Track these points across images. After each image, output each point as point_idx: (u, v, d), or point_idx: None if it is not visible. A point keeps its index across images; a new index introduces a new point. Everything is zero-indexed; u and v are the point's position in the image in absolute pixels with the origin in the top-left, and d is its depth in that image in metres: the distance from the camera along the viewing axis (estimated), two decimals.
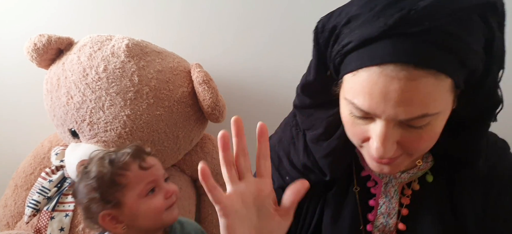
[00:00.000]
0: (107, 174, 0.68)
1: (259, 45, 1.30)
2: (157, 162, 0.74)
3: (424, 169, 0.59)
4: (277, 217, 0.54)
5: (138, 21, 1.27)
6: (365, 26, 0.44)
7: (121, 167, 0.68)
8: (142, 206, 0.69)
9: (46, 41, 0.99)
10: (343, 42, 0.47)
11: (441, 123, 0.48)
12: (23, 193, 1.11)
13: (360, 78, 0.45)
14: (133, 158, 0.69)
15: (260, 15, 1.27)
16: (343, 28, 0.47)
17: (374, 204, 0.61)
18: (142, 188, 0.69)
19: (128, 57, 0.99)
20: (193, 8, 1.27)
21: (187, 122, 1.06)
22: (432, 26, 0.41)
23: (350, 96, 0.48)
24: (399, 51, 0.42)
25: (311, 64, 0.56)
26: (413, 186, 0.59)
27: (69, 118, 0.99)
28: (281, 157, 0.65)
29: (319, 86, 0.56)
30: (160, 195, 0.71)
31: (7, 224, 1.09)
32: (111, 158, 0.69)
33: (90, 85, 0.96)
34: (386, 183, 0.60)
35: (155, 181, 0.71)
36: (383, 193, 0.60)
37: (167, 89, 1.01)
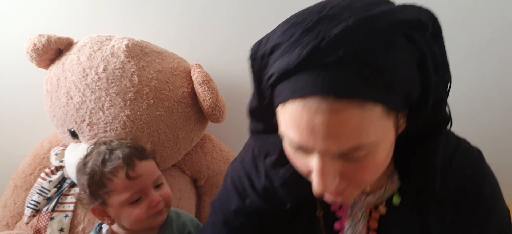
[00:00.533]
0: (98, 173, 0.68)
1: None
2: (150, 168, 0.72)
3: (390, 191, 0.56)
4: None
5: (138, 21, 1.27)
6: (284, 56, 0.41)
7: (110, 171, 0.68)
8: (124, 213, 0.70)
9: (46, 41, 0.99)
10: (268, 74, 0.44)
11: (383, 151, 0.45)
12: (23, 193, 1.10)
13: (288, 111, 0.43)
14: (123, 163, 0.68)
15: (260, 15, 1.27)
16: (269, 58, 0.45)
17: (339, 227, 0.57)
18: (127, 196, 0.69)
19: (128, 57, 0.98)
20: (193, 8, 1.27)
21: (187, 122, 1.06)
22: (346, 54, 0.38)
23: (283, 128, 0.45)
24: (317, 83, 0.39)
25: (253, 90, 0.53)
26: (380, 210, 0.56)
27: (68, 118, 0.99)
28: (242, 180, 0.61)
29: (264, 111, 0.51)
30: (144, 204, 0.70)
31: (6, 225, 1.09)
32: (105, 158, 0.69)
33: (90, 85, 0.96)
34: (351, 206, 0.57)
35: (141, 191, 0.70)
36: (349, 216, 0.57)
37: (167, 89, 1.01)
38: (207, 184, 1.23)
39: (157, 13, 1.27)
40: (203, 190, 1.25)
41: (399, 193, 0.56)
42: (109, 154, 0.70)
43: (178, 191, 1.14)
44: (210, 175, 1.22)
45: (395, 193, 0.56)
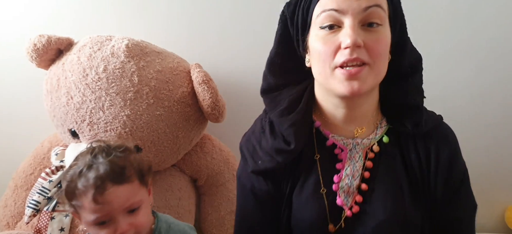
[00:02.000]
0: (72, 184, 0.66)
1: (259, 45, 1.30)
2: (121, 195, 0.66)
3: (381, 133, 0.72)
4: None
5: (138, 21, 1.27)
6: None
7: (80, 187, 0.65)
8: (91, 231, 0.68)
9: (46, 41, 1.00)
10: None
11: (388, 39, 0.65)
12: (23, 193, 1.11)
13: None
14: (93, 185, 0.64)
15: (260, 15, 1.27)
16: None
17: (340, 167, 0.71)
18: (92, 218, 0.66)
19: (128, 57, 0.99)
20: (193, 8, 1.27)
21: (187, 122, 1.06)
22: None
23: (319, 11, 0.64)
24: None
25: (275, 42, 0.75)
26: (374, 148, 0.71)
27: (69, 118, 0.99)
28: (254, 145, 0.76)
29: (280, 61, 0.74)
30: (110, 229, 0.66)
31: (7, 224, 1.09)
32: (82, 171, 0.66)
33: (90, 85, 0.96)
34: (350, 149, 0.71)
35: (108, 215, 0.66)
36: (348, 158, 0.71)
37: (167, 89, 1.01)
38: (207, 184, 1.24)
39: (157, 13, 1.27)
40: (203, 190, 1.25)
41: (387, 134, 0.72)
42: (88, 168, 0.66)
43: (178, 191, 1.14)
44: (210, 175, 1.22)
45: (383, 135, 0.72)
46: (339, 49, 0.63)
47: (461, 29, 1.27)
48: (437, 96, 1.30)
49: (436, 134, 0.72)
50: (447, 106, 1.30)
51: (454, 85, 1.32)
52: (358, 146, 0.71)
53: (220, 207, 1.22)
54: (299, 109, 0.72)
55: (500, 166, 1.41)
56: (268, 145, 0.73)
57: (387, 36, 0.65)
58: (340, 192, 0.70)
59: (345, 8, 0.62)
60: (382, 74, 0.67)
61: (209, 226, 1.22)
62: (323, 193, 0.70)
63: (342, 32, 0.63)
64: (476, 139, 1.36)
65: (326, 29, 0.64)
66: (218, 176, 1.22)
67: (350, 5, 0.62)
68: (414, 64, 0.72)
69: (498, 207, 1.45)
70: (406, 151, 0.71)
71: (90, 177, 0.65)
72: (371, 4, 0.62)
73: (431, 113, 0.75)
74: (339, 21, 0.63)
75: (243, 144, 0.80)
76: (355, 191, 0.70)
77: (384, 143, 0.71)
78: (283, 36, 0.74)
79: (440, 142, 0.71)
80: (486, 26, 1.26)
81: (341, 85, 0.64)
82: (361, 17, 0.62)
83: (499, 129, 1.36)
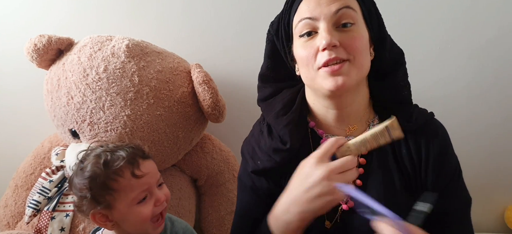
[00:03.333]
0: (101, 176, 0.66)
1: (259, 45, 1.29)
2: (152, 167, 0.72)
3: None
4: None
5: (138, 21, 1.28)
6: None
7: (114, 171, 0.66)
8: (131, 213, 0.69)
9: (46, 41, 1.00)
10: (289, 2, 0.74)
11: (364, 35, 0.70)
12: (24, 193, 1.11)
13: (301, 2, 0.71)
14: (127, 163, 0.67)
15: (260, 15, 1.27)
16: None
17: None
18: (134, 196, 0.68)
19: (128, 57, 0.99)
20: (193, 9, 1.27)
21: (187, 122, 1.06)
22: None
23: (298, 20, 0.71)
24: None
25: (265, 57, 0.82)
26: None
27: (69, 118, 0.99)
28: (254, 147, 0.80)
29: (272, 73, 0.82)
30: (150, 203, 0.70)
31: (7, 224, 1.09)
32: (107, 159, 0.68)
33: (91, 85, 0.96)
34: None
35: (147, 189, 0.70)
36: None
37: (167, 89, 1.01)
38: (207, 183, 1.24)
39: (157, 13, 1.27)
40: (203, 190, 1.25)
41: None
42: (111, 155, 0.68)
43: (178, 190, 1.14)
44: (210, 175, 1.22)
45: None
46: (319, 51, 0.68)
47: (460, 29, 1.27)
48: (437, 96, 1.31)
49: (427, 130, 0.74)
50: (447, 106, 1.32)
51: (454, 85, 1.32)
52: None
53: (220, 207, 1.22)
54: (293, 110, 0.77)
55: (500, 166, 1.41)
56: (266, 145, 0.77)
57: (362, 34, 0.70)
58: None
59: (318, 15, 0.68)
60: (364, 69, 0.71)
61: (209, 226, 1.23)
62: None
63: (318, 37, 0.69)
64: (476, 139, 1.36)
65: (305, 36, 0.70)
66: (218, 176, 1.22)
67: (321, 11, 0.68)
68: (397, 59, 0.77)
69: (498, 207, 1.45)
70: (397, 146, 0.74)
71: (120, 159, 0.68)
72: (340, 7, 0.68)
73: (422, 110, 0.78)
74: (315, 27, 0.69)
75: (244, 147, 0.84)
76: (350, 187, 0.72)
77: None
78: (272, 52, 0.81)
79: (430, 137, 0.73)
80: (485, 26, 1.26)
81: (327, 81, 0.68)
82: (334, 20, 0.68)
83: (499, 129, 1.36)
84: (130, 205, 0.68)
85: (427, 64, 1.29)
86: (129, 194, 0.67)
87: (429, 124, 0.76)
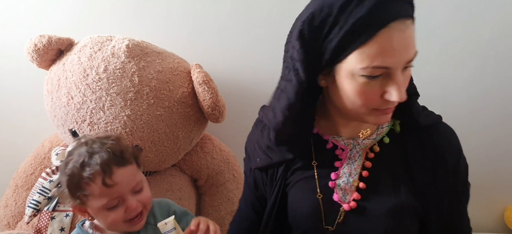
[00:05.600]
0: (76, 176, 0.68)
1: (259, 45, 1.30)
2: (128, 175, 0.71)
3: (382, 134, 0.72)
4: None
5: (138, 21, 1.28)
6: (359, 7, 0.56)
7: (87, 176, 0.67)
8: (100, 216, 0.71)
9: (47, 42, 1.00)
10: (343, 28, 0.57)
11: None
12: (24, 193, 1.11)
13: (376, 43, 0.56)
14: (100, 170, 0.67)
15: (260, 15, 1.27)
16: (338, 17, 0.57)
17: (339, 165, 0.73)
18: (103, 202, 0.69)
19: (129, 57, 0.99)
20: (194, 9, 1.27)
21: (187, 122, 1.06)
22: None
23: (366, 63, 0.57)
24: (394, 9, 0.56)
25: (298, 71, 0.63)
26: (374, 149, 0.72)
27: (69, 118, 0.99)
28: (254, 145, 0.81)
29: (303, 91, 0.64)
30: (121, 209, 0.70)
31: (7, 224, 1.09)
32: (84, 162, 0.68)
33: (91, 85, 0.96)
34: (351, 149, 0.72)
35: (118, 197, 0.70)
36: (348, 158, 0.72)
37: (167, 89, 1.01)
38: (207, 184, 1.24)
39: (157, 13, 1.27)
40: (203, 190, 1.26)
41: (388, 135, 0.73)
42: (89, 157, 0.68)
43: (178, 190, 1.14)
44: (210, 175, 1.22)
45: (384, 135, 0.73)
46: (380, 96, 0.61)
47: (461, 29, 1.27)
48: (437, 96, 1.31)
49: (441, 132, 0.73)
50: (447, 106, 1.31)
51: (454, 85, 1.32)
52: (358, 146, 0.72)
53: (220, 207, 1.22)
54: (295, 121, 0.69)
55: (500, 166, 1.41)
56: (264, 145, 0.77)
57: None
58: (337, 189, 0.71)
59: (393, 65, 0.58)
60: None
61: None
62: (319, 198, 0.72)
63: (390, 82, 0.59)
64: (476, 139, 1.36)
65: (368, 78, 0.59)
66: (218, 176, 1.23)
67: (397, 61, 0.58)
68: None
69: (498, 207, 1.46)
70: (409, 148, 0.71)
71: (95, 164, 0.67)
72: (414, 53, 0.60)
73: (431, 112, 0.77)
74: (384, 73, 0.59)
75: (247, 144, 0.86)
76: (353, 189, 0.71)
77: (385, 143, 0.73)
78: (308, 62, 0.62)
79: (445, 140, 0.72)
80: (486, 26, 1.26)
81: (374, 119, 0.65)
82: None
83: (499, 128, 1.36)
84: (100, 209, 0.70)
85: (427, 64, 1.29)
86: (99, 200, 0.69)
87: (441, 126, 0.74)
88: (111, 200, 0.69)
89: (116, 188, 0.68)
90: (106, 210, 0.69)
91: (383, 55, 0.57)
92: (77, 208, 0.72)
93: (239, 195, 1.25)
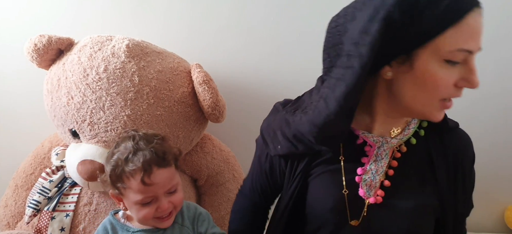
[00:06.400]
0: (119, 168, 0.73)
1: (259, 46, 1.30)
2: (166, 177, 0.75)
3: (408, 134, 0.73)
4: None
5: (138, 21, 1.28)
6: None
7: (129, 171, 0.72)
8: (133, 209, 0.76)
9: (46, 41, 1.00)
10: (439, 7, 0.58)
11: None
12: (24, 193, 1.11)
13: (463, 26, 0.58)
14: (141, 168, 0.71)
15: (260, 15, 1.27)
16: (428, 9, 0.58)
17: (366, 161, 0.72)
18: (139, 198, 0.73)
19: (129, 57, 0.99)
20: (194, 9, 1.27)
21: (187, 122, 1.06)
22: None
23: (453, 46, 0.59)
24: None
25: (363, 56, 0.60)
26: (401, 148, 0.73)
27: (69, 118, 0.99)
28: (275, 130, 0.76)
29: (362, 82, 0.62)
30: (153, 207, 0.74)
31: (7, 224, 1.09)
32: (128, 156, 0.72)
33: (91, 85, 0.96)
34: (379, 147, 0.72)
35: (153, 197, 0.74)
36: (375, 155, 0.72)
37: (167, 89, 1.01)
38: (207, 184, 1.24)
39: (157, 13, 1.27)
40: (203, 190, 1.26)
41: (414, 136, 0.73)
42: (133, 153, 0.73)
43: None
44: (210, 175, 1.22)
45: (410, 137, 0.73)
46: (454, 85, 0.63)
47: None
48: None
49: (460, 137, 0.75)
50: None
51: None
52: (386, 144, 0.72)
53: (220, 207, 1.22)
54: (347, 113, 0.66)
55: (500, 166, 1.41)
56: (291, 133, 0.72)
57: None
58: (363, 184, 0.72)
59: (474, 49, 0.61)
60: None
61: None
62: (345, 193, 0.72)
63: (466, 69, 0.62)
64: (476, 139, 1.35)
65: (450, 63, 0.61)
66: (218, 176, 1.22)
67: (478, 46, 0.61)
68: None
69: (498, 207, 1.46)
70: (434, 150, 0.72)
71: (138, 161, 0.72)
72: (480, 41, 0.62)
73: (462, 130, 0.78)
74: (464, 59, 0.61)
75: (264, 128, 0.81)
76: (378, 186, 0.71)
77: (412, 144, 0.73)
78: (379, 52, 0.60)
79: (464, 145, 0.75)
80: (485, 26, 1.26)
81: (438, 114, 0.66)
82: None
83: (499, 129, 1.36)
84: (134, 203, 0.74)
85: None
86: (135, 195, 0.73)
87: (461, 131, 0.76)
88: (146, 197, 0.73)
89: (152, 188, 0.73)
90: (140, 205, 0.74)
91: (468, 39, 0.59)
92: (115, 197, 0.78)
93: None
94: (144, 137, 0.76)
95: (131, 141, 0.75)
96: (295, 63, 1.31)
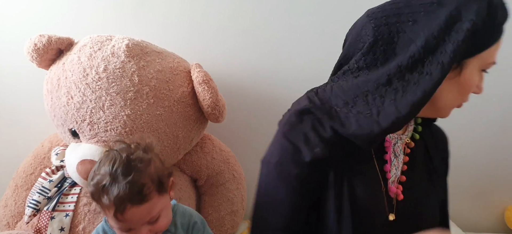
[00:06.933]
0: (96, 195, 0.69)
1: (259, 46, 1.30)
2: (141, 215, 0.69)
3: (411, 130, 0.77)
4: None
5: (138, 21, 1.28)
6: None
7: (103, 202, 0.68)
8: (116, 231, 0.74)
9: (46, 41, 1.00)
10: (498, 19, 0.62)
11: None
12: (24, 193, 1.11)
13: (499, 41, 0.64)
14: (114, 204, 0.67)
15: (260, 15, 1.27)
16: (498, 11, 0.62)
17: (388, 158, 0.74)
18: (116, 226, 0.71)
19: (128, 57, 0.99)
20: (194, 9, 1.27)
21: (187, 121, 1.06)
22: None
23: (493, 58, 0.66)
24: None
25: (444, 66, 0.60)
26: (409, 144, 0.76)
27: (69, 118, 0.99)
28: (306, 132, 0.69)
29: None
30: (132, 233, 0.71)
31: (7, 224, 1.09)
32: (105, 186, 0.68)
33: (90, 85, 0.96)
34: (394, 143, 0.74)
35: (130, 228, 0.70)
36: (393, 151, 0.74)
37: (167, 89, 1.01)
38: (207, 184, 1.24)
39: (157, 13, 1.27)
40: (203, 190, 1.26)
41: (414, 131, 0.78)
42: (109, 183, 0.68)
43: (178, 191, 1.14)
44: (210, 175, 1.22)
45: (413, 133, 0.78)
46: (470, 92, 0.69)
47: None
48: None
49: (439, 130, 0.83)
50: None
51: None
52: (400, 140, 0.75)
53: (220, 207, 1.22)
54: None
55: (500, 166, 1.41)
56: (327, 135, 0.67)
57: None
58: (390, 181, 0.74)
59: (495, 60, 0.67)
60: None
61: (209, 226, 1.22)
62: (383, 190, 0.73)
63: (481, 81, 0.69)
64: (476, 139, 1.36)
65: (485, 72, 0.68)
66: (218, 176, 1.22)
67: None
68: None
69: (498, 207, 1.45)
70: (429, 144, 0.79)
71: (111, 195, 0.67)
72: None
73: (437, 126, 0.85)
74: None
75: (288, 133, 0.71)
76: (397, 182, 0.74)
77: (416, 139, 0.77)
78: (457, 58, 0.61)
79: (442, 133, 0.83)
80: None
81: (447, 114, 0.72)
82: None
83: (499, 129, 1.36)
84: (114, 227, 0.72)
85: None
86: (112, 222, 0.71)
87: (436, 125, 0.83)
88: (123, 227, 0.70)
89: (126, 223, 0.69)
90: (119, 230, 0.72)
91: (497, 51, 0.66)
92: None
93: (239, 195, 1.26)
94: (125, 163, 0.69)
95: (110, 166, 0.69)
96: (295, 63, 1.31)
